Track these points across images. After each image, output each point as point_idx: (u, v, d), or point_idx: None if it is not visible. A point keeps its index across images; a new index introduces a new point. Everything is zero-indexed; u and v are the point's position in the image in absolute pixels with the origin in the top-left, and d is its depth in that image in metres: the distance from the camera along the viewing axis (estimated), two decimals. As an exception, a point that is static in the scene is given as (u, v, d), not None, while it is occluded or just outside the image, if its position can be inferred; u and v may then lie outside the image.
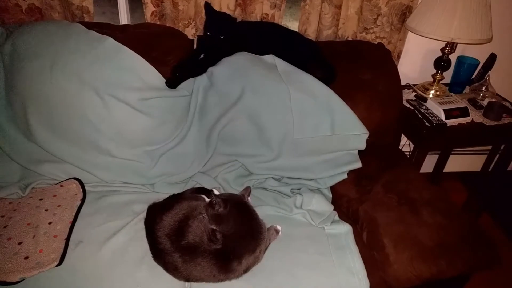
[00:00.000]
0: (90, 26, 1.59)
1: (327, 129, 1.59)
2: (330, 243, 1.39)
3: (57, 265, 1.23)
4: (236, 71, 1.60)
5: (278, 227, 1.41)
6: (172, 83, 1.56)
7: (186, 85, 1.60)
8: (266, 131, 1.59)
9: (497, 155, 2.31)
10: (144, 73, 1.53)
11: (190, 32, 1.88)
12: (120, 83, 1.49)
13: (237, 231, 1.22)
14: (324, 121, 1.59)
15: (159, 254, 1.24)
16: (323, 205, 1.53)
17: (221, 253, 1.19)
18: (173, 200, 1.43)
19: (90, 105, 1.48)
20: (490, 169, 2.36)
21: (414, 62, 2.16)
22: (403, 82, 1.91)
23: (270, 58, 1.67)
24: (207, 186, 1.62)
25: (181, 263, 1.20)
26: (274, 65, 1.64)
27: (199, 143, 1.64)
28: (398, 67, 1.96)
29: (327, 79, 1.66)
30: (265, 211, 1.51)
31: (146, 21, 1.78)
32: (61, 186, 1.54)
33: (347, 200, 1.58)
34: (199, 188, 1.63)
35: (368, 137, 1.64)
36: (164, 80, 1.56)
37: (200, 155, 1.64)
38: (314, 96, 1.60)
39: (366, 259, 1.33)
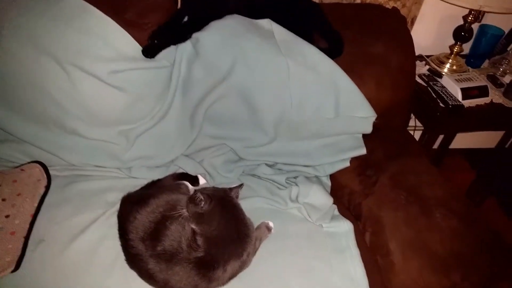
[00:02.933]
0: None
1: (330, 110, 1.38)
2: (328, 244, 1.23)
3: (13, 271, 1.06)
4: (227, 38, 1.35)
5: (270, 224, 1.25)
6: (149, 51, 1.31)
7: (166, 54, 1.35)
8: (259, 111, 1.37)
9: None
10: (115, 39, 1.27)
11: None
12: (86, 51, 1.24)
13: (221, 233, 1.05)
14: (327, 101, 1.38)
15: (132, 259, 1.07)
16: (322, 198, 1.36)
17: (203, 262, 1.03)
18: (151, 191, 1.24)
19: (50, 77, 1.23)
20: (504, 147, 2.18)
21: (429, 29, 1.91)
22: (416, 53, 1.67)
23: (266, 23, 1.41)
24: (191, 171, 1.44)
25: (157, 271, 1.03)
26: (271, 32, 1.39)
27: (182, 122, 1.42)
28: (411, 35, 1.71)
29: (333, 52, 1.42)
30: (256, 204, 1.35)
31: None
32: (22, 170, 1.33)
33: (349, 192, 1.41)
34: (182, 173, 1.44)
35: (376, 119, 1.43)
36: (140, 48, 1.30)
37: (183, 136, 1.43)
38: (316, 72, 1.37)
39: (368, 263, 1.19)
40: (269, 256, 1.17)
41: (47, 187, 1.30)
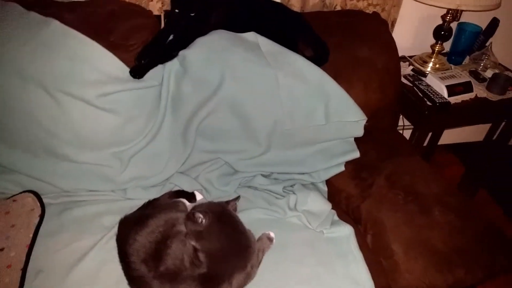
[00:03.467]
0: (30, 4, 1.29)
1: (321, 117, 1.40)
2: (330, 250, 1.23)
3: (12, 306, 1.03)
4: (213, 53, 1.36)
5: (271, 234, 1.24)
6: (137, 72, 1.31)
7: (154, 74, 1.35)
8: (251, 123, 1.37)
9: (499, 129, 2.16)
10: (101, 62, 1.27)
11: (156, 7, 1.60)
12: (73, 76, 1.23)
13: (223, 247, 1.04)
14: (317, 109, 1.39)
15: (135, 282, 1.05)
16: (320, 204, 1.36)
17: (208, 278, 1.02)
18: (148, 212, 1.23)
19: (38, 105, 1.22)
20: (491, 140, 2.21)
21: (409, 30, 1.95)
22: (399, 54, 1.70)
23: (251, 36, 1.42)
24: (188, 188, 1.42)
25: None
26: (257, 45, 1.40)
27: (174, 139, 1.41)
28: (393, 37, 1.74)
29: (319, 59, 1.44)
30: (255, 215, 1.34)
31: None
32: (14, 201, 1.30)
33: (346, 196, 1.41)
34: (178, 191, 1.43)
35: (366, 122, 1.45)
36: (128, 70, 1.30)
37: (177, 153, 1.42)
38: (305, 81, 1.38)
39: (372, 265, 1.19)
40: (272, 266, 1.16)
41: (42, 216, 1.28)
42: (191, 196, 1.42)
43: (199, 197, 1.44)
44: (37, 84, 1.20)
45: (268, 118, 1.37)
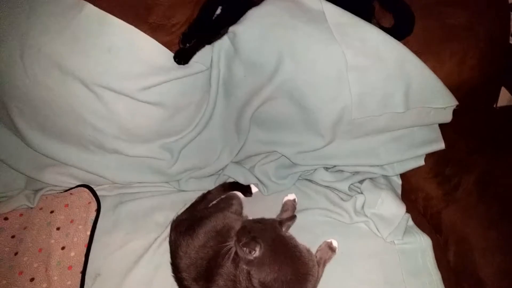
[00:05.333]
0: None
1: (399, 104, 1.15)
2: (402, 265, 1.08)
3: (74, 314, 1.06)
4: (269, 30, 1.13)
5: (334, 243, 1.11)
6: (182, 57, 1.14)
7: (201, 56, 1.17)
8: (313, 112, 1.18)
9: None
10: (142, 51, 1.11)
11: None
12: (111, 70, 1.10)
13: (277, 277, 0.94)
14: (394, 94, 1.14)
15: (188, 297, 1.01)
16: (393, 207, 1.18)
17: None
18: (200, 215, 1.15)
19: (79, 101, 1.13)
20: None
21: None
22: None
23: (315, 2, 1.15)
24: (242, 181, 1.32)
25: None
26: (321, 14, 1.14)
27: (227, 127, 1.28)
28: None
29: (400, 31, 1.15)
30: (315, 217, 1.21)
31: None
32: (71, 194, 1.30)
33: (425, 197, 1.21)
34: (233, 183, 1.33)
35: (456, 106, 1.18)
36: (172, 55, 1.14)
37: (230, 142, 1.29)
38: (380, 60, 1.12)
39: (449, 284, 1.03)
40: (334, 285, 1.05)
41: (98, 211, 1.27)
42: (246, 189, 1.32)
43: (254, 189, 1.33)
44: (75, 78, 1.10)
45: (333, 107, 1.16)
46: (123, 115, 1.17)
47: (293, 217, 1.02)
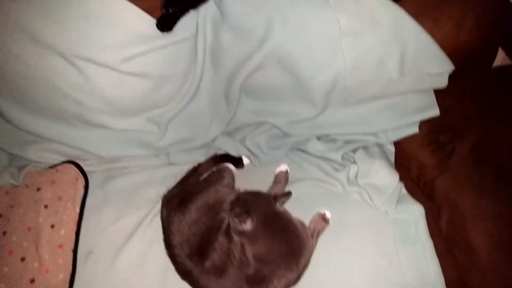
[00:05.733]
0: None
1: (394, 69, 1.11)
2: (396, 235, 1.08)
3: (68, 292, 1.05)
4: (257, -7, 1.06)
5: (327, 214, 1.11)
6: (165, 24, 1.07)
7: (186, 23, 1.10)
8: (306, 80, 1.13)
9: None
10: (122, 18, 1.03)
11: None
12: (91, 40, 1.03)
13: (271, 251, 0.94)
14: (390, 59, 1.10)
15: (181, 273, 1.01)
16: (386, 175, 1.17)
17: (255, 279, 0.94)
18: (191, 190, 1.13)
19: (58, 74, 1.07)
20: None
21: None
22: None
23: (307, -38, 1.08)
24: (233, 152, 1.29)
25: (208, 285, 0.96)
26: (313, -25, 1.07)
27: (216, 97, 1.23)
28: None
29: (397, -9, 1.08)
30: (308, 188, 1.20)
31: None
32: (57, 170, 1.26)
33: (418, 165, 1.20)
34: (224, 155, 1.30)
35: (452, 71, 1.14)
36: (154, 22, 1.06)
37: (220, 113, 1.25)
38: (375, 24, 1.07)
39: (443, 255, 1.04)
40: (327, 255, 1.05)
41: (86, 188, 1.23)
42: (237, 161, 1.29)
43: (246, 161, 1.30)
44: (52, 50, 1.03)
45: (326, 74, 1.12)
46: (106, 88, 1.11)
47: (288, 194, 1.00)
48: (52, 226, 1.15)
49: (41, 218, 1.16)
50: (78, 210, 1.19)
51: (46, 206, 1.19)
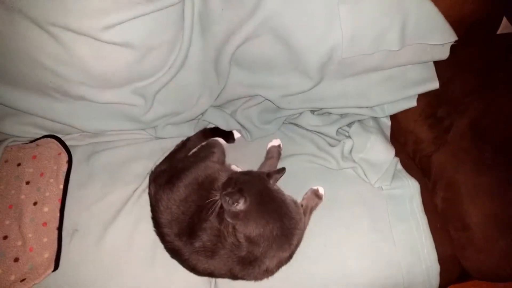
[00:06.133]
0: None
1: (395, 40, 1.04)
2: (389, 211, 1.06)
3: (53, 271, 1.02)
4: (249, -46, 0.97)
5: (320, 190, 1.08)
6: (149, -13, 0.98)
7: (172, -13, 1.01)
8: (300, 52, 1.06)
9: None
10: (100, -19, 0.94)
11: None
12: (67, 5, 0.93)
13: (263, 231, 0.91)
14: (390, 29, 1.03)
15: (170, 251, 0.98)
16: (381, 151, 1.14)
17: (247, 260, 0.92)
18: (180, 165, 1.08)
19: (33, 43, 0.98)
20: None
21: None
22: None
23: None
24: (223, 126, 1.24)
25: (198, 264, 0.94)
26: None
27: (205, 69, 1.16)
28: None
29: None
30: (302, 164, 1.17)
31: None
32: (38, 145, 1.20)
33: (415, 140, 1.16)
34: (214, 128, 1.25)
35: (455, 42, 1.08)
36: (136, -14, 0.97)
37: (209, 85, 1.19)
38: (375, -9, 0.99)
39: (437, 231, 1.03)
40: (321, 232, 1.04)
41: (69, 163, 1.18)
42: (228, 135, 1.24)
43: (237, 135, 1.26)
44: (24, 17, 0.93)
45: (322, 45, 1.05)
46: (87, 59, 1.02)
47: (281, 170, 0.96)
48: (35, 203, 1.11)
49: (23, 195, 1.12)
50: (61, 186, 1.14)
51: (27, 183, 1.14)
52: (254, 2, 1.00)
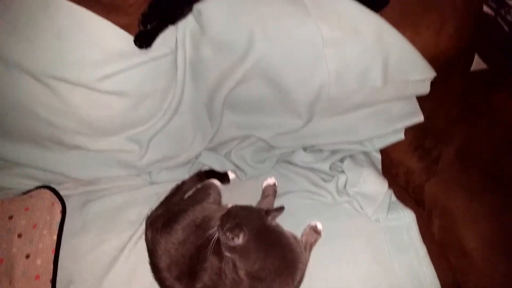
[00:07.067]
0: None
1: (377, 78, 1.11)
2: (388, 242, 1.07)
3: (47, 328, 0.97)
4: (237, 5, 1.05)
5: (319, 226, 1.08)
6: (144, 40, 1.03)
7: (165, 38, 1.06)
8: (290, 92, 1.11)
9: None
10: (97, 35, 0.99)
11: None
12: (65, 58, 0.98)
13: (264, 266, 0.89)
14: (373, 67, 1.09)
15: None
16: (375, 183, 1.15)
17: None
18: (176, 209, 1.07)
19: (29, 95, 1.01)
20: None
21: None
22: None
23: (286, -27, 1.07)
24: (218, 168, 1.25)
25: None
26: (293, -14, 1.06)
27: (198, 112, 1.20)
28: None
29: (377, 1, 1.09)
30: (297, 201, 1.17)
31: None
32: (31, 197, 1.18)
33: (406, 171, 1.20)
34: (209, 171, 1.26)
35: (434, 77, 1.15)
36: (131, 39, 1.02)
37: (203, 128, 1.22)
38: (357, 34, 1.06)
39: (437, 259, 1.03)
40: (322, 266, 1.02)
41: (63, 212, 1.16)
42: (223, 177, 1.25)
43: (232, 176, 1.27)
44: (22, 70, 0.97)
45: (310, 85, 1.10)
46: (82, 108, 1.05)
47: (280, 209, 0.96)
48: (27, 256, 1.08)
49: (15, 248, 1.08)
50: (55, 237, 1.11)
51: (19, 235, 1.11)
52: (244, 48, 1.06)
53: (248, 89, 1.12)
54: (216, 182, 1.23)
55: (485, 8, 1.35)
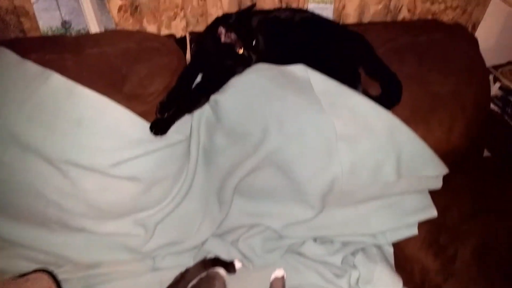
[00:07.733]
0: (25, 46, 1.04)
1: (391, 173, 1.10)
2: None
3: None
4: (253, 100, 1.08)
5: (331, 328, 1.01)
6: (159, 128, 1.05)
7: (180, 126, 1.09)
8: (302, 184, 1.11)
9: None
10: (115, 122, 1.02)
11: (179, 27, 1.30)
12: (82, 144, 0.99)
13: None
14: (386, 163, 1.10)
15: None
16: (389, 282, 1.10)
17: None
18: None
19: (41, 178, 1.01)
20: None
21: (492, 33, 1.55)
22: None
23: (301, 70, 1.12)
24: (224, 256, 1.20)
25: None
26: (307, 83, 1.10)
27: (208, 198, 1.18)
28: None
29: (388, 99, 1.12)
30: (307, 296, 1.10)
31: (114, 22, 1.20)
32: (27, 280, 1.12)
33: (421, 269, 1.14)
34: (215, 259, 1.21)
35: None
36: (147, 126, 1.04)
37: (211, 214, 1.19)
38: (370, 129, 1.08)
39: None
40: None
41: (59, 301, 1.10)
42: (229, 266, 1.20)
43: (238, 265, 1.21)
44: (38, 155, 0.98)
45: (323, 178, 1.10)
46: (92, 192, 1.04)
47: None
48: None
49: None
50: (48, 330, 1.04)
51: (10, 326, 1.04)
52: (258, 140, 1.07)
53: (259, 178, 1.12)
54: (221, 271, 1.17)
55: (492, 106, 1.40)
